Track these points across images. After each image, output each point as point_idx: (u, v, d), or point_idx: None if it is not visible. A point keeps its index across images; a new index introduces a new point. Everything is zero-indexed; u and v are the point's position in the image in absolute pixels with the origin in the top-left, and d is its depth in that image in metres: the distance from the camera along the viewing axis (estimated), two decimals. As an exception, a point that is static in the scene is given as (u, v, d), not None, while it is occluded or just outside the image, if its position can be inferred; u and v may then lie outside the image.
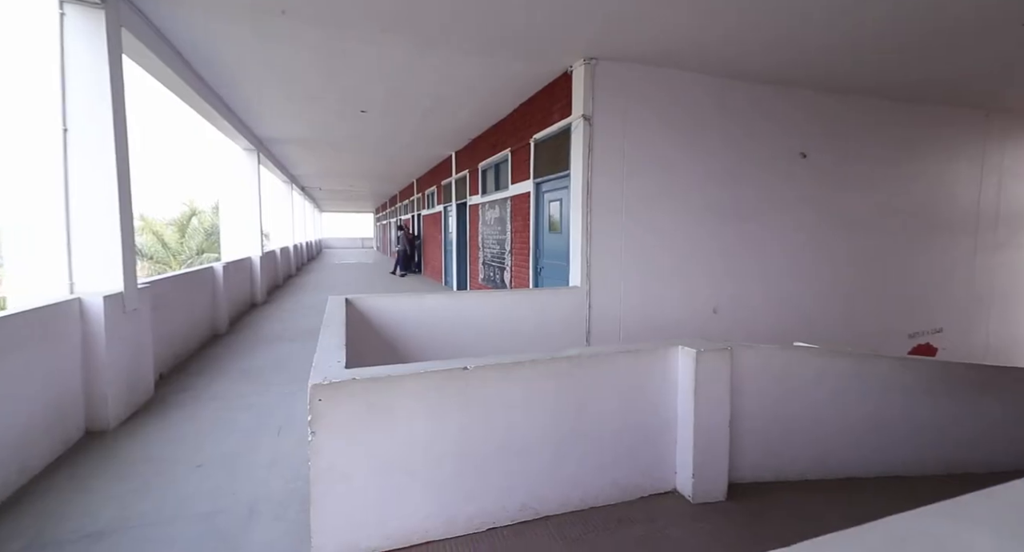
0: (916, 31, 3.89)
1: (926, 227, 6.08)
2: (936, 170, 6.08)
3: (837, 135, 5.51)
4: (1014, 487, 0.94)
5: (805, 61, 4.54)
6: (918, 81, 5.09)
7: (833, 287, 5.66)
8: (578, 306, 4.61)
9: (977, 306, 6.47)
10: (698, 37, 4.05)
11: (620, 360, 2.30)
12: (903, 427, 2.93)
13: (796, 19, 3.67)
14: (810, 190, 5.45)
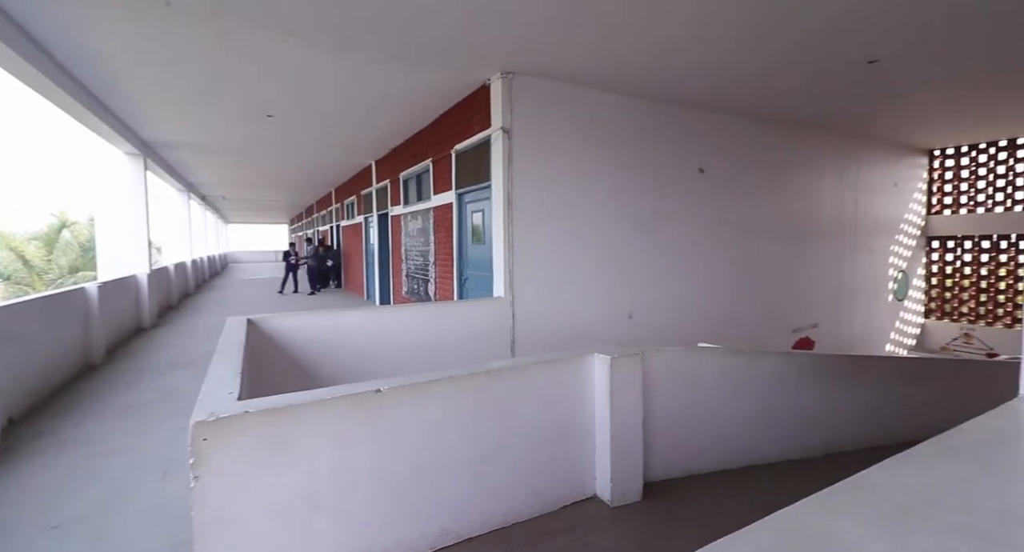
0: (784, 65, 4.44)
1: (802, 234, 6.92)
2: (809, 185, 6.96)
3: (730, 153, 6.11)
4: (869, 475, 1.06)
5: (703, 86, 5.00)
6: (791, 107, 5.82)
7: (729, 289, 6.23)
8: (502, 317, 4.62)
9: (844, 302, 7.47)
10: (608, 60, 4.29)
11: (538, 371, 2.31)
12: (790, 415, 3.26)
13: (692, 52, 4.03)
14: (707, 201, 5.98)
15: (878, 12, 3.43)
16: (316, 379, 3.46)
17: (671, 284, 5.75)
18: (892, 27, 3.69)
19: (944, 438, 1.22)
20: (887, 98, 5.51)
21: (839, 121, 6.49)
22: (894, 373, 3.92)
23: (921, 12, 3.43)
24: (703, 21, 3.57)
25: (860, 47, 4.06)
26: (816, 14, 3.45)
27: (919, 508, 0.91)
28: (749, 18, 3.50)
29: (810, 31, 3.74)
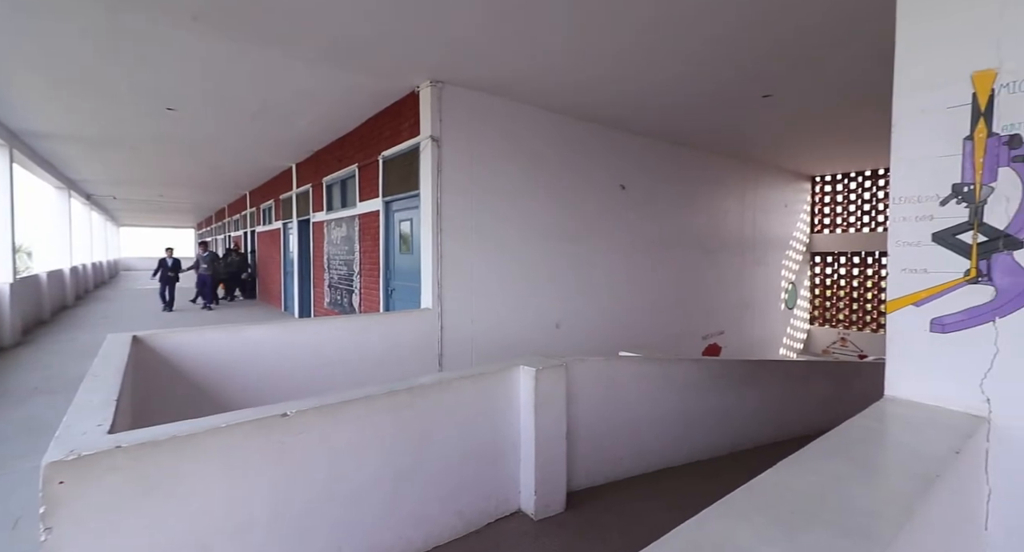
0: (694, 96, 4.85)
1: (710, 248, 7.55)
2: (716, 204, 7.63)
3: (648, 172, 6.53)
4: (764, 479, 1.15)
5: (625, 111, 5.30)
6: (701, 134, 6.36)
7: (649, 299, 6.61)
8: (430, 329, 4.50)
9: (745, 311, 8.24)
10: (539, 79, 4.42)
11: (463, 386, 2.27)
12: (701, 418, 3.50)
13: (604, 74, 4.26)
14: (628, 217, 6.32)
15: (772, 53, 3.86)
16: (220, 405, 3.13)
17: (596, 294, 5.98)
18: (783, 67, 4.17)
19: (825, 439, 1.36)
20: (779, 129, 6.21)
21: (741, 148, 7.20)
22: (785, 375, 4.36)
23: (807, 55, 3.91)
24: (622, 58, 3.81)
25: (757, 83, 4.54)
26: (720, 53, 3.80)
27: (806, 508, 0.99)
28: (664, 58, 3.77)
29: (716, 68, 4.12)
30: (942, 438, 1.33)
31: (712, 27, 3.41)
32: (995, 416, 1.46)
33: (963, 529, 1.36)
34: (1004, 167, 1.49)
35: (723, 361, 3.81)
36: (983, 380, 1.49)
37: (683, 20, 3.32)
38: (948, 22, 1.59)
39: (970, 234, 1.55)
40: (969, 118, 1.56)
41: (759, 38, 3.58)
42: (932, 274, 1.63)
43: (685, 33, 3.50)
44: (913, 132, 1.68)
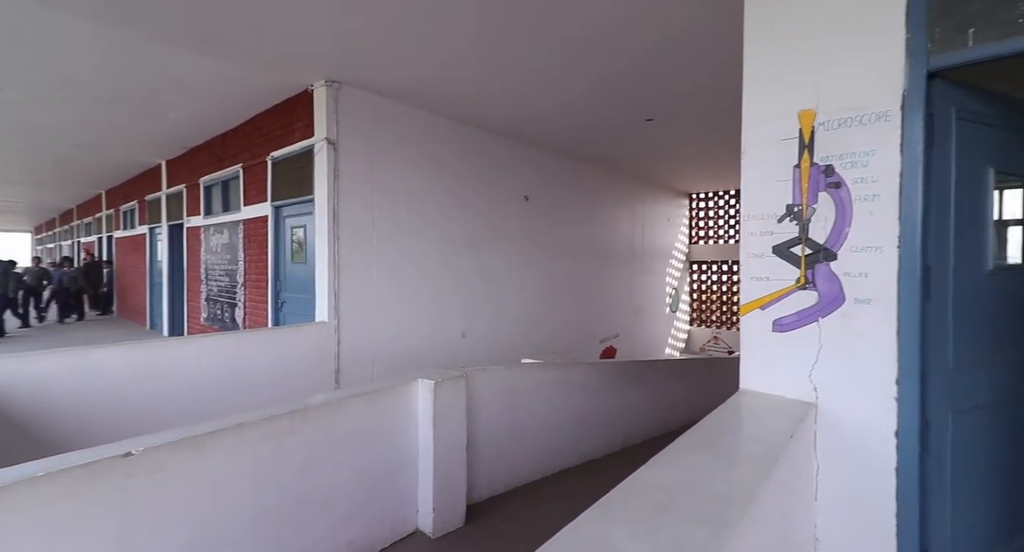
0: (583, 115, 5.17)
1: (606, 257, 8.08)
2: (611, 216, 8.20)
3: (551, 184, 6.82)
4: (636, 478, 1.23)
5: (525, 122, 5.47)
6: (597, 151, 6.81)
7: (551, 306, 6.87)
8: (325, 344, 4.20)
9: (636, 315, 8.95)
10: (443, 87, 4.39)
11: (355, 404, 2.14)
12: (596, 418, 3.69)
13: (508, 90, 4.38)
14: (532, 226, 6.53)
15: (652, 83, 4.26)
16: (58, 445, 2.59)
17: (502, 302, 6.06)
18: (662, 96, 4.62)
19: (688, 434, 1.50)
20: (660, 150, 6.87)
21: (631, 165, 7.84)
22: (670, 372, 4.80)
23: (681, 87, 4.38)
24: (524, 77, 3.95)
25: (641, 108, 4.99)
26: (609, 80, 4.10)
27: (670, 503, 1.08)
28: (563, 82, 3.98)
29: (606, 94, 4.44)
30: (781, 425, 1.54)
31: (602, 58, 3.67)
32: (820, 401, 1.73)
33: (798, 501, 1.58)
34: (822, 191, 1.78)
35: (616, 363, 4.07)
36: (811, 371, 1.76)
37: (578, 51, 3.53)
38: (781, 67, 1.88)
39: (800, 247, 1.83)
40: (797, 149, 1.85)
41: (642, 69, 3.93)
42: (773, 281, 1.89)
43: (579, 62, 3.73)
44: (756, 159, 1.95)
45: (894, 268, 1.60)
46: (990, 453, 1.70)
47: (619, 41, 3.44)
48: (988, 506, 1.70)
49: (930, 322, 1.56)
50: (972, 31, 1.52)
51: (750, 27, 1.95)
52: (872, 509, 1.59)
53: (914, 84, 1.57)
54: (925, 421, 1.53)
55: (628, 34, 3.34)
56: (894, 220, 1.60)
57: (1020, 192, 1.87)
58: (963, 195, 1.65)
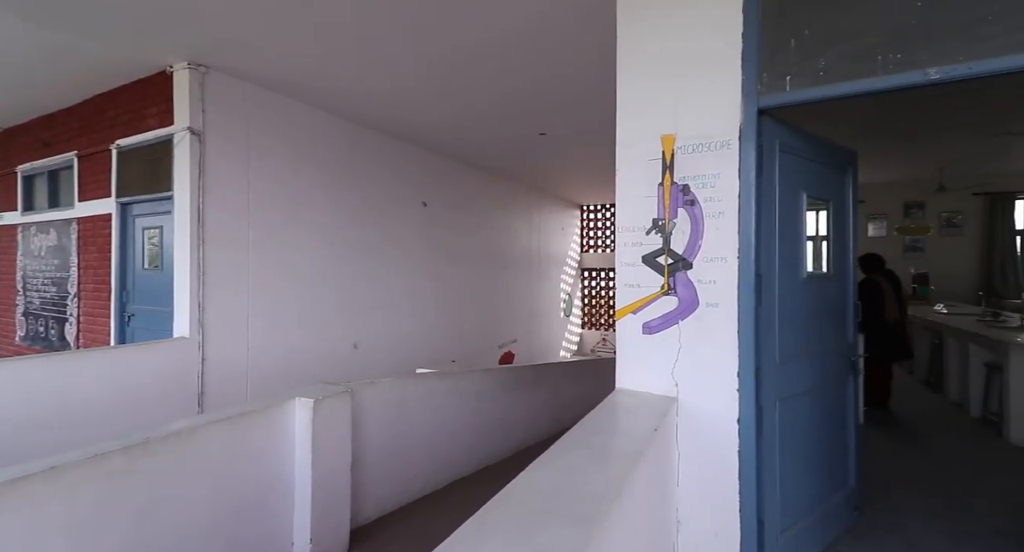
0: (478, 123, 5.26)
1: (505, 264, 8.27)
2: (509, 224, 8.41)
3: (450, 190, 6.78)
4: (515, 485, 1.25)
5: (421, 126, 5.37)
6: (496, 160, 6.94)
7: (449, 313, 6.82)
8: (186, 363, 3.66)
9: (533, 320, 9.28)
10: (328, 82, 4.11)
11: (216, 431, 1.88)
12: (490, 425, 3.72)
13: (399, 92, 4.28)
14: (430, 233, 6.43)
15: (545, 99, 4.47)
16: None
17: (398, 310, 5.85)
18: (553, 112, 4.87)
19: (570, 433, 1.57)
20: (553, 162, 7.24)
21: (528, 175, 8.13)
22: (562, 374, 5.03)
23: (569, 105, 4.65)
24: (418, 81, 3.87)
25: (534, 122, 5.20)
26: (501, 92, 4.21)
27: (546, 505, 1.10)
28: (456, 91, 3.98)
29: (500, 106, 4.55)
30: (648, 420, 1.68)
31: (494, 71, 3.75)
32: (681, 396, 1.93)
33: (663, 488, 1.73)
34: (681, 208, 2.00)
35: (511, 368, 4.15)
36: (673, 369, 1.96)
37: (468, 62, 3.56)
38: (647, 96, 2.07)
39: (664, 257, 2.03)
40: (660, 170, 2.06)
41: (534, 85, 4.10)
42: (643, 288, 2.07)
43: (471, 73, 3.77)
44: (628, 177, 2.13)
45: (735, 276, 1.84)
46: (806, 432, 2.04)
47: (509, 56, 3.55)
48: (806, 477, 2.03)
49: (762, 323, 1.83)
50: (789, 78, 1.82)
51: (621, 58, 2.13)
52: (721, 488, 1.81)
53: (748, 119, 1.83)
54: (759, 408, 1.79)
55: (517, 51, 3.46)
56: (735, 234, 1.85)
57: (824, 214, 2.29)
58: (785, 214, 1.97)
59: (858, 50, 1.70)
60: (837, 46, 1.74)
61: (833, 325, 2.23)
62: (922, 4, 1.61)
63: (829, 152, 2.23)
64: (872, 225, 7.45)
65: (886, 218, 7.40)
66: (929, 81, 1.56)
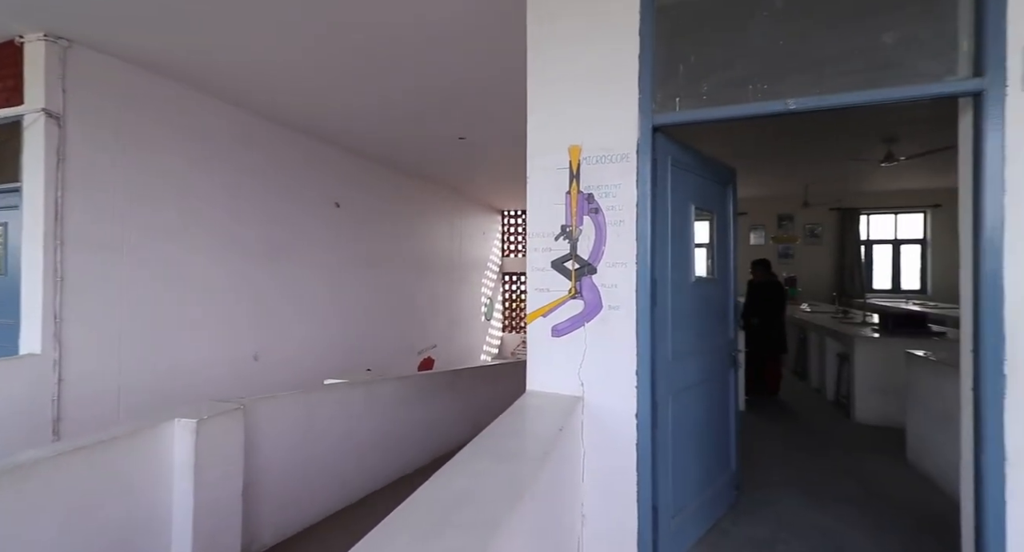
0: (395, 125, 5.13)
1: (425, 268, 8.12)
2: (430, 228, 8.28)
3: (367, 191, 6.50)
4: (420, 493, 1.22)
5: (333, 123, 5.09)
6: (417, 163, 6.80)
7: (366, 319, 6.53)
8: (35, 385, 3.11)
9: (454, 325, 9.21)
10: (222, 67, 3.74)
11: (69, 463, 1.61)
12: (406, 434, 3.61)
13: (305, 85, 4.04)
14: (344, 235, 6.12)
15: (463, 104, 4.46)
16: None
17: (309, 317, 5.47)
18: (472, 117, 4.88)
19: (479, 438, 1.57)
20: (473, 167, 7.27)
21: (449, 179, 8.07)
22: (481, 378, 5.03)
23: (486, 112, 4.70)
24: (323, 73, 3.66)
25: (453, 126, 5.18)
26: (416, 93, 4.14)
27: (448, 514, 1.08)
28: (369, 89, 3.83)
29: (417, 108, 4.46)
30: (554, 420, 1.74)
31: (407, 66, 3.67)
32: (586, 395, 2.02)
33: (568, 485, 1.80)
34: (586, 215, 2.10)
35: (427, 374, 4.07)
36: (580, 369, 2.05)
37: (385, 53, 3.45)
38: (555, 107, 2.15)
39: (571, 262, 2.12)
40: (568, 178, 2.15)
41: (455, 85, 4.08)
42: (552, 292, 2.14)
43: (387, 67, 3.65)
44: (538, 184, 2.20)
45: (634, 280, 1.97)
46: (696, 423, 2.24)
47: (427, 53, 3.50)
48: (695, 464, 2.23)
49: (657, 323, 1.98)
50: (678, 99, 2.00)
51: (531, 70, 2.19)
52: (621, 481, 1.92)
53: (644, 135, 1.98)
54: (654, 403, 1.93)
55: (434, 50, 3.43)
56: (633, 241, 1.98)
57: (708, 223, 2.54)
58: (676, 223, 2.16)
59: (733, 79, 1.92)
60: (716, 74, 1.95)
61: (717, 324, 2.47)
62: (783, 43, 1.86)
63: (713, 168, 2.48)
64: (753, 234, 8.42)
65: (764, 228, 8.42)
66: (789, 110, 1.80)
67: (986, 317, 1.50)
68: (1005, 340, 1.49)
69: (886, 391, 3.79)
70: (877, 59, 1.71)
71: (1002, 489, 1.48)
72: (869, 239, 7.93)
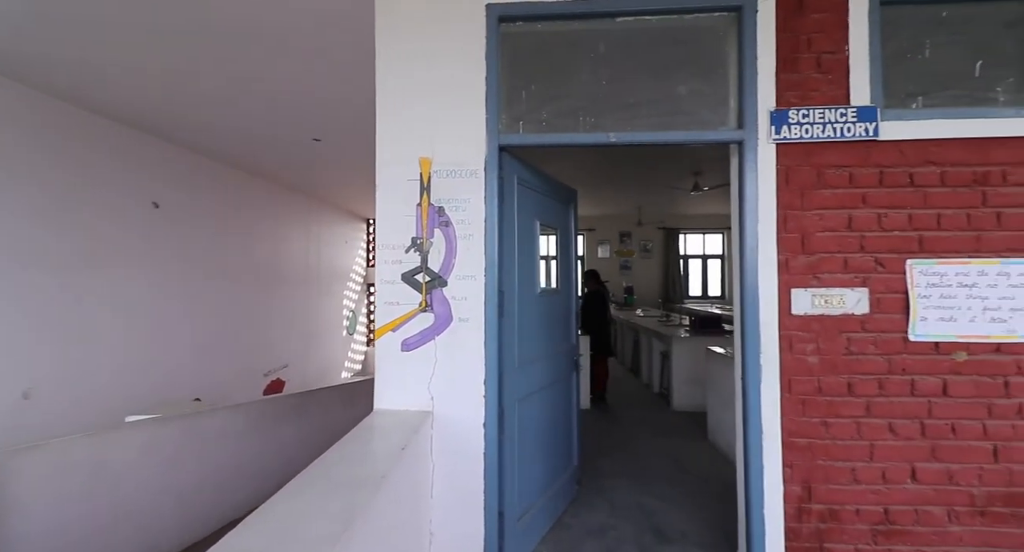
0: (239, 119, 4.54)
1: (275, 279, 7.27)
2: (280, 234, 7.45)
3: (196, 190, 5.56)
4: (229, 538, 1.07)
5: (157, 111, 4.25)
6: (264, 164, 6.05)
7: (198, 340, 5.57)
8: None
9: (310, 341, 8.42)
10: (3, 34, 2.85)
11: None
12: (241, 470, 3.15)
13: (119, 61, 3.34)
14: (167, 242, 5.14)
15: (316, 103, 4.13)
16: None
17: (117, 340, 4.42)
18: (326, 118, 4.55)
19: (310, 468, 1.44)
20: (332, 171, 6.79)
21: (304, 183, 7.39)
22: (334, 399, 4.66)
23: (341, 113, 4.42)
24: (148, 51, 3.06)
25: (307, 126, 4.76)
26: (270, 94, 3.72)
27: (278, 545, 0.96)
28: (205, 73, 3.31)
29: (267, 106, 4.00)
30: (399, 439, 1.67)
31: (249, 59, 3.28)
32: (436, 409, 2.00)
33: (413, 506, 1.75)
34: (437, 228, 2.10)
35: (272, 399, 3.63)
36: (430, 383, 2.02)
37: (217, 41, 3.02)
38: (406, 118, 2.12)
39: (422, 275, 2.10)
40: (419, 190, 2.13)
41: (307, 82, 3.74)
42: (402, 306, 2.08)
43: (220, 56, 3.20)
44: (388, 195, 2.13)
45: (483, 292, 2.03)
46: (541, 425, 2.39)
47: (273, 49, 3.16)
48: (541, 465, 2.37)
49: (504, 334, 2.06)
50: (522, 123, 2.14)
51: (380, 78, 2.14)
52: (468, 492, 1.94)
53: (491, 153, 2.06)
54: (501, 410, 2.00)
55: (282, 44, 3.12)
56: (482, 254, 2.05)
57: (552, 238, 2.76)
58: (523, 238, 2.29)
59: (567, 110, 2.12)
60: (554, 103, 2.13)
61: (561, 331, 2.69)
62: (606, 84, 2.12)
63: (557, 188, 2.70)
64: (601, 248, 9.44)
65: (609, 243, 9.49)
66: (610, 143, 2.06)
67: (747, 318, 1.90)
68: (760, 337, 1.89)
69: (696, 382, 4.54)
70: (674, 107, 2.06)
71: (760, 455, 1.87)
72: (686, 254, 9.49)
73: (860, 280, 1.89)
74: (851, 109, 1.90)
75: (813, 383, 1.89)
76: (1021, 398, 1.82)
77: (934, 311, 1.86)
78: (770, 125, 1.94)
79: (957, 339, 1.85)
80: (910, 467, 1.85)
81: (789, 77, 1.95)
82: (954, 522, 1.82)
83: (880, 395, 1.87)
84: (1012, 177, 1.86)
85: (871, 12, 1.92)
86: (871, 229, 1.90)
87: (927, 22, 1.97)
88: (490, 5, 2.06)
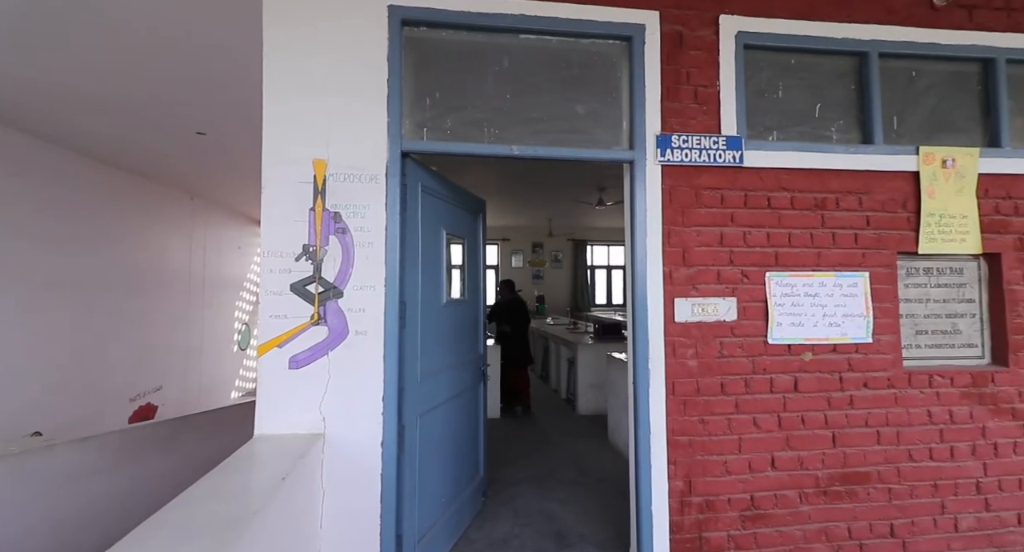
0: (112, 106, 3.93)
1: (147, 290, 6.34)
2: (154, 238, 6.52)
3: (54, 189, 4.66)
4: None
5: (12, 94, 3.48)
6: (134, 156, 5.25)
7: (45, 363, 4.63)
8: None
9: (192, 358, 7.46)
10: None
11: None
12: (90, 516, 2.66)
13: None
14: (14, 247, 4.24)
15: (201, 86, 3.69)
16: None
17: None
18: (210, 110, 4.09)
19: (162, 511, 1.24)
20: (220, 169, 6.12)
21: (187, 182, 6.57)
22: (220, 423, 4.15)
23: (231, 99, 4.01)
24: None
25: (189, 119, 4.24)
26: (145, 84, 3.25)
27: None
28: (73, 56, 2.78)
29: (144, 99, 3.49)
30: (279, 467, 1.52)
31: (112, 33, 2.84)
32: (328, 430, 1.85)
33: (295, 539, 1.59)
34: (332, 235, 1.97)
35: (135, 428, 3.13)
36: (321, 403, 1.87)
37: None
38: (298, 116, 1.96)
39: (314, 285, 1.94)
40: (312, 194, 1.98)
41: (187, 68, 3.33)
42: (290, 319, 1.91)
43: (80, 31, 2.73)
44: (276, 198, 1.95)
45: (382, 304, 1.94)
46: (445, 439, 2.33)
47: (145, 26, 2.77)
48: (444, 480, 2.31)
49: (406, 346, 1.99)
50: (426, 130, 2.10)
51: (268, 72, 1.97)
52: (364, 517, 1.82)
53: (393, 158, 1.99)
54: (401, 427, 1.91)
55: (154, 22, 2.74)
56: (382, 264, 1.95)
57: (459, 247, 2.74)
58: (427, 247, 2.23)
59: (472, 120, 2.12)
60: (460, 113, 2.12)
61: (468, 341, 2.66)
62: (511, 97, 2.16)
63: (464, 197, 2.69)
64: (514, 257, 9.61)
65: (522, 252, 9.71)
66: (513, 155, 2.09)
67: (638, 326, 2.03)
68: (649, 343, 2.03)
69: (599, 386, 4.77)
70: (573, 125, 2.16)
71: (648, 454, 2.00)
72: (593, 264, 10.02)
73: (730, 290, 2.12)
74: (722, 138, 2.14)
75: (693, 384, 2.07)
76: (851, 391, 2.16)
77: (787, 317, 2.14)
78: (656, 147, 2.11)
79: (804, 341, 2.15)
80: (770, 456, 2.09)
81: (672, 105, 2.14)
82: (804, 502, 2.10)
83: (746, 393, 2.10)
84: (843, 203, 2.21)
85: (736, 54, 2.18)
86: (738, 245, 2.14)
87: (781, 66, 2.29)
88: (393, 6, 2.01)
